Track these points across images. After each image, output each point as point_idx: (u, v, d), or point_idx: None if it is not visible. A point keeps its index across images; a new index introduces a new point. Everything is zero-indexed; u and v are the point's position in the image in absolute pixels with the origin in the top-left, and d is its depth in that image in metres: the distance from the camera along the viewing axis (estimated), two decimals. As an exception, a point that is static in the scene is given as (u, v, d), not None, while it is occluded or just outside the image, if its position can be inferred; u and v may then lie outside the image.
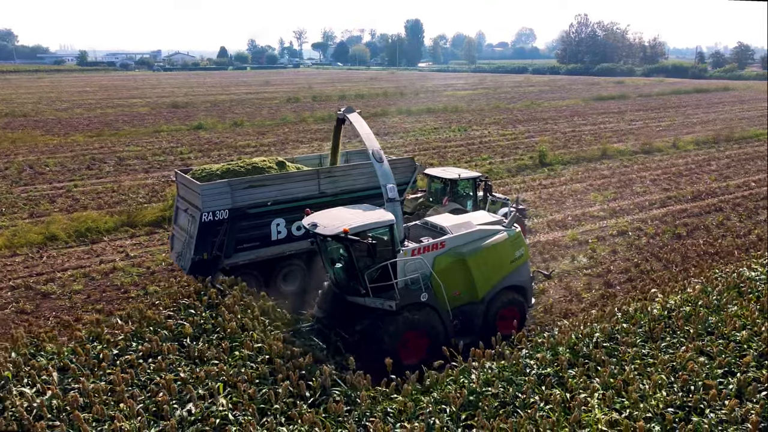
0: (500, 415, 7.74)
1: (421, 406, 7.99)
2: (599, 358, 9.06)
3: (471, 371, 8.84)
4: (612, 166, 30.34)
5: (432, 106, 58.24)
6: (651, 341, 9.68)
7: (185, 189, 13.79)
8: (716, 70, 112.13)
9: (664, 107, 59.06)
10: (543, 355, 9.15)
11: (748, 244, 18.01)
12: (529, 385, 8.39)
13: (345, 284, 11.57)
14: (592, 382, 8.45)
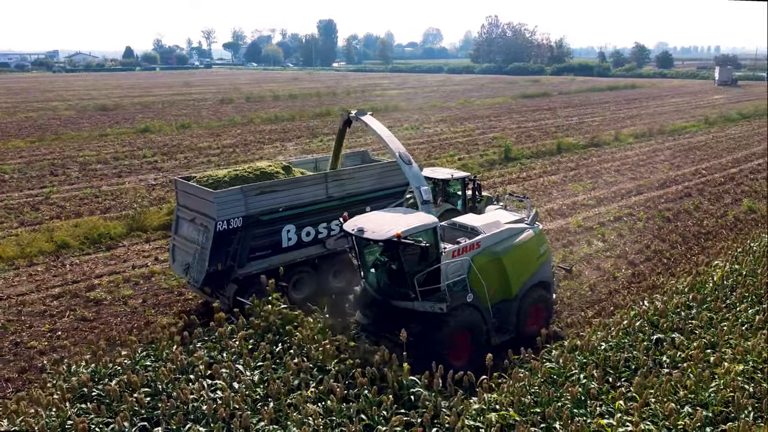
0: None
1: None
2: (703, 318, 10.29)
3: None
4: (573, 159, 32.50)
5: (375, 105, 59.14)
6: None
7: (189, 197, 13.22)
8: (618, 69, 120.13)
9: (588, 104, 62.94)
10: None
11: (730, 225, 20.25)
12: (645, 345, 9.51)
13: (389, 289, 11.41)
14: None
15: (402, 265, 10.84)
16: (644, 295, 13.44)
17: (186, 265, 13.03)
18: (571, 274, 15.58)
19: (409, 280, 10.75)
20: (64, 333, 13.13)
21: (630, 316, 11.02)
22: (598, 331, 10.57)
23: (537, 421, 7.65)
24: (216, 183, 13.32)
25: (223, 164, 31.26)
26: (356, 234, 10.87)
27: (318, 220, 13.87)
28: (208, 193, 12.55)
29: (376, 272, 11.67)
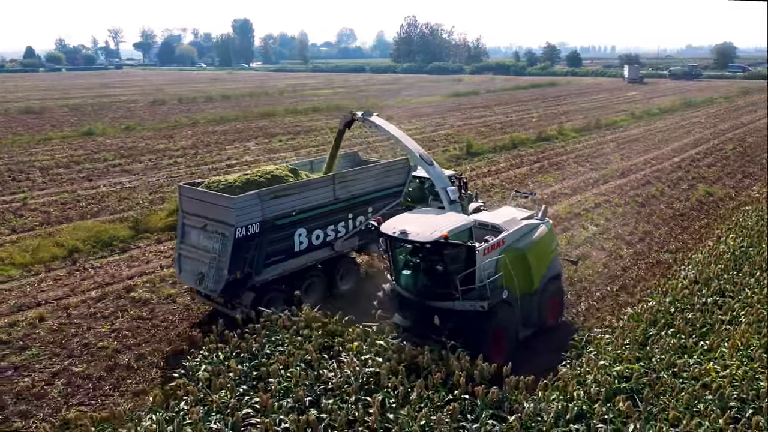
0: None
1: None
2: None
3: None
4: (531, 153, 34.53)
5: (317, 105, 59.54)
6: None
7: (198, 203, 12.79)
8: (533, 68, 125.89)
9: (519, 101, 66.05)
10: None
11: (697, 207, 22.61)
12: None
13: (427, 290, 11.45)
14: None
15: (446, 265, 11.04)
16: (655, 271, 15.12)
17: (199, 274, 12.54)
18: (577, 266, 16.04)
19: (453, 279, 10.82)
20: (128, 332, 13.20)
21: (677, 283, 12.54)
22: (655, 297, 11.99)
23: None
24: (228, 188, 13.02)
25: (193, 165, 31.06)
26: (399, 236, 10.86)
27: (326, 223, 13.84)
28: (226, 199, 12.21)
29: (409, 273, 11.70)
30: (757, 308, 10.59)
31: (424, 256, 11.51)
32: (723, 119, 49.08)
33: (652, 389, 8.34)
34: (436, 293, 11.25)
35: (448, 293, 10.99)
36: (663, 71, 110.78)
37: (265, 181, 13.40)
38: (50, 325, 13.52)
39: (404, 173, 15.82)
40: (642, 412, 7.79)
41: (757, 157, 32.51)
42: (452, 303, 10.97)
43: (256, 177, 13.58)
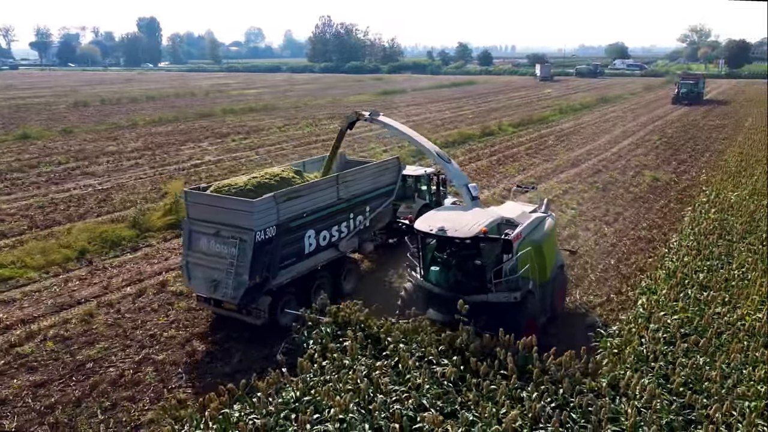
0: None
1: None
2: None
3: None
4: (481, 146, 36.63)
5: (253, 105, 59.39)
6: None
7: (209, 209, 12.48)
8: (448, 67, 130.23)
9: (448, 99, 68.54)
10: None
11: (652, 190, 25.29)
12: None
13: (459, 284, 11.58)
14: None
15: (483, 259, 11.44)
16: (641, 246, 17.32)
17: (213, 281, 12.29)
18: (575, 255, 16.77)
19: (489, 272, 11.22)
20: (187, 322, 13.67)
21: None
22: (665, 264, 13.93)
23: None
24: (240, 192, 12.82)
25: (157, 166, 30.80)
26: (438, 233, 11.11)
27: (331, 223, 13.84)
28: (245, 203, 12.07)
29: (439, 269, 11.90)
30: (760, 265, 12.71)
31: (459, 251, 11.64)
32: (639, 113, 53.55)
33: (705, 332, 10.05)
34: (469, 287, 11.39)
35: (481, 287, 11.30)
36: (569, 69, 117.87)
37: (275, 184, 13.32)
38: (104, 321, 13.75)
39: (396, 172, 16.02)
40: (705, 347, 9.45)
41: (682, 146, 36.16)
42: (486, 296, 11.22)
43: (265, 179, 13.47)
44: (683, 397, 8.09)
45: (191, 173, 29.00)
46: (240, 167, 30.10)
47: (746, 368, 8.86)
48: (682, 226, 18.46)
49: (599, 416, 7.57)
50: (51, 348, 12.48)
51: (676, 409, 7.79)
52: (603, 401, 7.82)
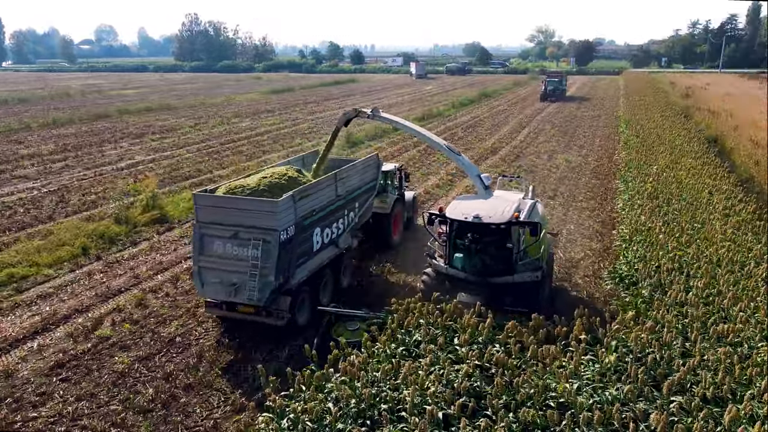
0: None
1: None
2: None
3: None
4: (401, 138, 39.25)
5: (149, 105, 57.78)
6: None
7: (225, 211, 12.16)
8: (323, 66, 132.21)
9: (338, 97, 70.50)
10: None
11: (570, 169, 29.24)
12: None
13: (487, 267, 12.25)
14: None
15: (512, 242, 12.11)
16: (599, 211, 20.70)
17: (231, 285, 11.99)
18: (557, 237, 18.04)
19: (517, 255, 12.05)
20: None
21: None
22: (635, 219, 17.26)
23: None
24: (255, 193, 12.70)
25: (92, 167, 30.17)
26: (474, 220, 11.86)
27: (332, 221, 13.94)
28: (269, 203, 11.95)
29: (465, 255, 12.47)
30: (707, 215, 16.40)
31: (491, 236, 12.24)
32: (522, 107, 59.09)
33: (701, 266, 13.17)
34: (496, 270, 12.13)
35: (507, 269, 12.03)
36: (439, 68, 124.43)
37: (286, 183, 13.34)
38: (159, 303, 14.56)
39: (376, 168, 16.35)
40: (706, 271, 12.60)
41: (574, 133, 41.14)
42: (512, 277, 12.00)
43: (276, 179, 13.40)
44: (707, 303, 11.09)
45: (136, 172, 28.84)
46: (181, 165, 30.40)
47: (745, 279, 12.08)
48: (620, 194, 22.17)
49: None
50: (129, 329, 13.21)
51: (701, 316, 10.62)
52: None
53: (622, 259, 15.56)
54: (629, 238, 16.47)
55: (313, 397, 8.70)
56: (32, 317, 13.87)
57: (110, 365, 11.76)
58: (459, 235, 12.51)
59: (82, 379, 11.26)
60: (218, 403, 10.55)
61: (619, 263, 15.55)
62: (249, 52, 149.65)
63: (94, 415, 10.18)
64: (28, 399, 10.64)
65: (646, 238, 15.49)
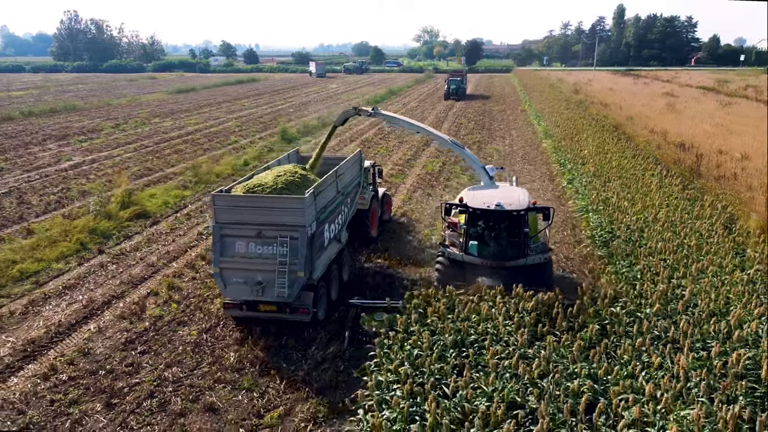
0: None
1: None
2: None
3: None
4: (341, 132, 40.84)
5: (53, 106, 55.19)
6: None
7: (247, 210, 12.14)
8: (217, 65, 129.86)
9: (249, 96, 70.69)
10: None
11: (503, 157, 32.29)
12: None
13: (503, 251, 12.94)
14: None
15: (528, 227, 12.82)
16: (539, 194, 23.66)
17: (258, 284, 12.05)
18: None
19: (529, 239, 12.84)
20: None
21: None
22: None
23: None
24: (275, 191, 12.89)
25: (32, 170, 29.42)
26: (496, 209, 12.58)
27: (335, 216, 14.09)
28: (296, 200, 12.08)
29: (481, 242, 13.08)
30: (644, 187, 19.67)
31: (509, 222, 12.94)
32: (431, 103, 62.34)
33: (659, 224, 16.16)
34: (510, 254, 12.90)
35: (521, 252, 12.78)
36: (336, 67, 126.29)
37: (300, 180, 13.57)
38: (193, 287, 15.51)
39: (360, 164, 16.70)
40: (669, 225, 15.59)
41: (490, 126, 44.61)
42: (525, 260, 12.77)
43: (290, 177, 13.57)
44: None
45: (82, 172, 28.55)
46: (128, 165, 30.35)
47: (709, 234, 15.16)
48: (562, 175, 25.28)
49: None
50: (176, 309, 14.17)
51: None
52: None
53: (585, 225, 18.37)
54: (586, 209, 19.33)
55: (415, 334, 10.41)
56: (71, 305, 14.45)
57: (179, 338, 12.79)
58: (478, 223, 13.10)
59: (161, 350, 12.25)
60: (299, 357, 11.92)
61: (582, 229, 18.36)
62: (136, 52, 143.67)
63: (191, 376, 11.31)
64: (120, 370, 11.53)
65: (605, 207, 18.40)
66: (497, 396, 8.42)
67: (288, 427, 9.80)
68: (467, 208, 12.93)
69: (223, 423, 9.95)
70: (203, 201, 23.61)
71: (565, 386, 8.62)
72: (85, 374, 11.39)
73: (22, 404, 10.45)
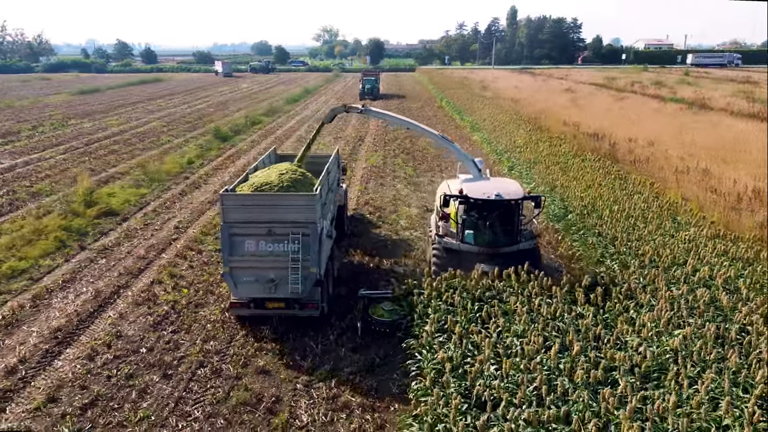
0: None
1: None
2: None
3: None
4: (270, 130, 41.64)
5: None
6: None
7: (258, 209, 12.23)
8: (114, 65, 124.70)
9: (163, 96, 69.26)
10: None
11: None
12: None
13: (497, 238, 13.62)
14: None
15: (520, 215, 13.66)
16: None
17: (270, 281, 12.24)
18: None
19: (520, 226, 13.70)
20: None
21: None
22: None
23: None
24: (282, 189, 13.14)
25: None
26: (496, 198, 13.26)
27: (326, 212, 14.14)
28: (307, 197, 12.41)
29: (478, 231, 13.71)
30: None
31: (505, 211, 13.59)
32: (350, 101, 63.67)
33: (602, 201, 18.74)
34: (504, 241, 13.62)
35: (514, 239, 13.59)
36: (241, 66, 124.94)
37: (302, 177, 13.81)
38: (194, 274, 16.27)
39: (338, 162, 17.24)
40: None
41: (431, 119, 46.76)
42: (517, 246, 13.60)
43: (293, 175, 13.75)
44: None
45: (22, 176, 27.85)
46: (66, 167, 29.82)
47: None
48: (501, 163, 27.73)
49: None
50: (188, 293, 14.99)
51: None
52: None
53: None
54: (535, 191, 21.71)
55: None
56: (79, 296, 14.89)
57: (203, 317, 13.68)
58: (475, 212, 13.77)
59: (191, 328, 13.14)
60: (327, 333, 13.13)
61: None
62: (21, 51, 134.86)
63: (230, 347, 12.33)
64: (160, 347, 12.35)
65: (552, 188, 20.86)
66: (529, 334, 10.25)
67: (340, 379, 11.14)
68: (468, 198, 13.56)
69: (279, 381, 11.13)
70: (164, 198, 24.04)
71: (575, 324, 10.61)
72: (128, 353, 12.13)
73: (82, 382, 11.11)
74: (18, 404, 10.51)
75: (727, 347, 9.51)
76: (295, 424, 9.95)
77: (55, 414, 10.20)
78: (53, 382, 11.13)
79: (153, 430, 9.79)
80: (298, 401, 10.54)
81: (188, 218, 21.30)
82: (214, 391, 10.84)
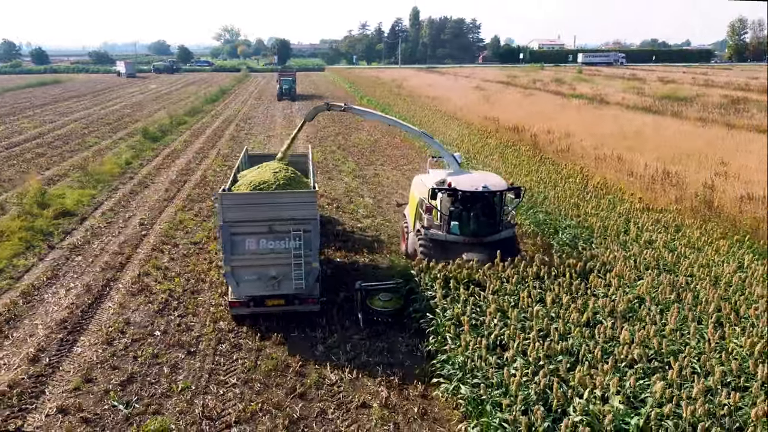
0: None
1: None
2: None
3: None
4: (200, 128, 41.57)
5: None
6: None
7: (259, 207, 12.25)
8: (2, 65, 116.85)
9: (71, 97, 66.62)
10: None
11: (409, 146, 36.04)
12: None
13: (482, 228, 14.24)
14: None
15: (503, 206, 14.49)
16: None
17: (272, 279, 12.42)
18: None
19: (503, 216, 14.56)
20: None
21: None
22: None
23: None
24: (279, 187, 13.47)
25: None
26: (483, 190, 13.91)
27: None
28: (308, 194, 12.63)
29: (462, 221, 14.29)
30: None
31: (490, 202, 14.33)
32: (270, 101, 64.22)
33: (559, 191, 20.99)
34: (489, 231, 14.29)
35: (496, 228, 14.34)
36: (144, 66, 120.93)
37: (294, 175, 14.13)
38: (178, 264, 16.89)
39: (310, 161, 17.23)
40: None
41: (349, 124, 48.11)
42: (499, 234, 14.34)
43: (286, 173, 14.08)
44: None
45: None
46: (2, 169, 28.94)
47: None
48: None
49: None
50: (179, 282, 15.67)
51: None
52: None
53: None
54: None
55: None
56: (70, 291, 15.18)
57: (204, 302, 14.48)
58: (461, 204, 14.38)
59: (197, 312, 13.93)
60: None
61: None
62: None
63: (242, 326, 13.27)
64: (173, 329, 13.07)
65: (515, 181, 22.92)
66: (521, 293, 12.01)
67: (353, 344, 12.42)
68: (456, 191, 14.12)
69: (299, 350, 12.24)
70: (116, 198, 24.11)
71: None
72: (144, 336, 12.79)
73: (111, 363, 11.74)
74: (54, 386, 11.02)
75: (681, 291, 11.71)
76: (325, 382, 11.15)
77: (97, 391, 10.83)
78: (82, 365, 11.68)
79: (198, 397, 10.67)
80: (323, 363, 11.72)
81: (150, 215, 21.59)
82: (242, 361, 11.80)
